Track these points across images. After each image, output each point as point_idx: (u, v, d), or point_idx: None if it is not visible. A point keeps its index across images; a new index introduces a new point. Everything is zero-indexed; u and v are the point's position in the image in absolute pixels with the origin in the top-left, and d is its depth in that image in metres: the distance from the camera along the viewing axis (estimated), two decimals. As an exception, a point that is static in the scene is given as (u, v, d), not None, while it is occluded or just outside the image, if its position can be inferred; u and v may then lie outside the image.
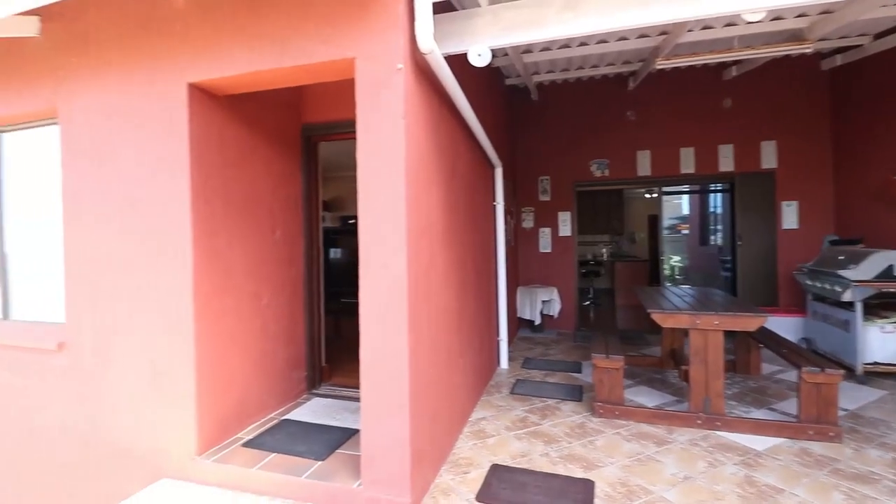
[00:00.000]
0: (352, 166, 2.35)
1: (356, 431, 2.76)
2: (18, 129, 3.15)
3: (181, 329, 2.49)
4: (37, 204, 3.12)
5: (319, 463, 2.41)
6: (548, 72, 5.54)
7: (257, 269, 3.01)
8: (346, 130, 3.40)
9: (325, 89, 3.38)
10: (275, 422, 2.98)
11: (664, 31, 4.16)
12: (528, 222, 6.39)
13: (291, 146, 3.42)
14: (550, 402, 3.62)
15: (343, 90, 3.00)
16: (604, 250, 9.63)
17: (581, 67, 5.42)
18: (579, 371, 4.38)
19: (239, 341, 2.82)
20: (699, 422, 3.10)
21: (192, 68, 2.50)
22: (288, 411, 3.16)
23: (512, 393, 3.82)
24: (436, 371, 2.56)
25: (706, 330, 3.10)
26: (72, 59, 2.80)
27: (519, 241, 6.37)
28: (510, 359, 4.74)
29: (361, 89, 2.20)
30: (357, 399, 3.31)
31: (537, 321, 5.86)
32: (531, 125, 6.35)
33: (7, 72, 2.98)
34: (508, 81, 5.75)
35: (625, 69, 5.32)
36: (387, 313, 2.13)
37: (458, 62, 2.59)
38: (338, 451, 2.54)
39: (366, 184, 2.18)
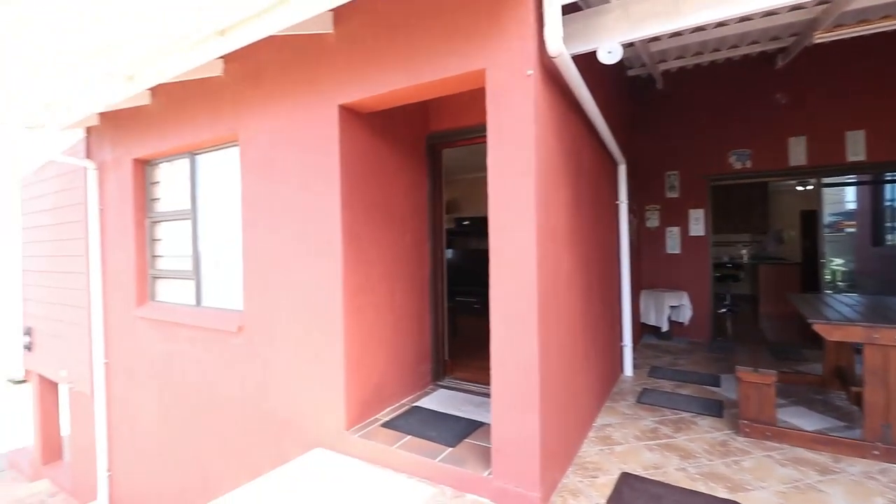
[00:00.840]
0: (466, 170, 2.49)
1: (481, 424, 2.88)
2: (209, 151, 3.88)
3: (332, 319, 2.86)
4: (222, 212, 3.81)
5: (450, 449, 2.57)
6: (677, 58, 5.14)
7: (391, 269, 3.31)
8: (468, 136, 3.56)
9: (448, 99, 3.58)
10: (406, 408, 3.24)
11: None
12: (652, 221, 5.98)
13: (417, 154, 3.68)
14: (684, 415, 3.36)
15: (465, 99, 3.17)
16: (743, 251, 8.57)
17: (717, 49, 4.92)
18: (717, 384, 3.99)
19: (376, 333, 3.13)
20: (876, 452, 2.64)
21: (341, 92, 2.85)
22: (416, 399, 3.41)
23: (639, 402, 3.63)
24: (562, 371, 2.57)
25: (887, 346, 2.63)
26: (247, 92, 3.37)
27: (642, 241, 5.99)
28: (635, 366, 4.49)
29: (492, 97, 2.31)
30: (478, 393, 3.46)
31: (664, 328, 5.46)
32: (656, 117, 5.94)
33: (200, 106, 3.69)
34: (630, 72, 5.46)
35: (771, 46, 4.71)
36: (517, 312, 2.20)
37: (581, 59, 2.56)
38: (466, 440, 2.68)
39: (496, 188, 2.28)
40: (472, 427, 2.85)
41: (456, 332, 5.38)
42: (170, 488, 4.15)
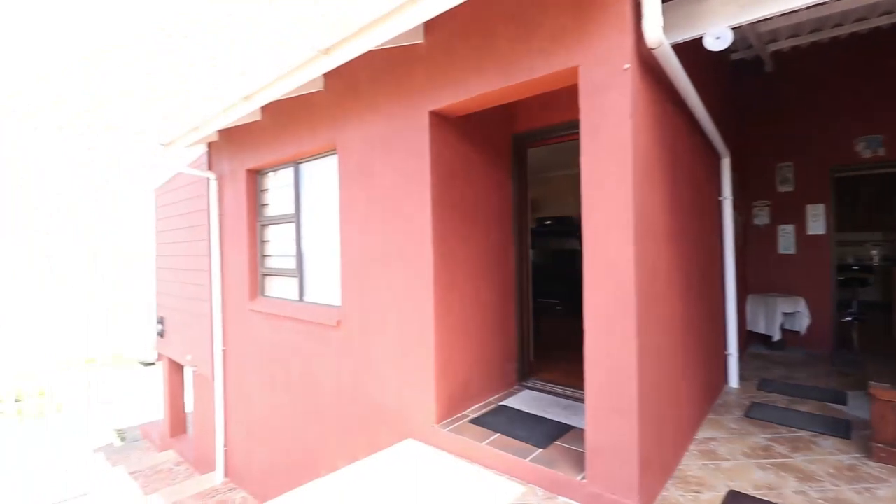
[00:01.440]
0: (547, 168, 2.45)
1: (570, 427, 2.83)
2: (310, 160, 4.22)
3: (423, 316, 2.98)
4: (322, 215, 4.13)
5: (540, 450, 2.56)
6: (790, 37, 4.63)
7: (477, 269, 3.37)
8: (554, 135, 3.52)
9: (534, 98, 3.56)
10: (493, 406, 3.28)
11: None
12: (761, 218, 5.43)
13: (502, 155, 3.69)
14: (802, 433, 3.03)
15: (552, 97, 3.13)
16: (874, 252, 7.45)
17: (839, 24, 4.36)
18: (843, 402, 3.53)
19: (464, 332, 3.21)
20: None
21: (431, 98, 2.96)
22: (503, 399, 3.44)
23: (747, 416, 3.33)
24: (661, 378, 2.45)
25: None
26: (344, 104, 3.62)
27: (749, 241, 5.46)
28: (741, 378, 4.11)
29: (585, 94, 2.27)
30: (566, 396, 3.39)
31: (776, 337, 4.93)
32: (764, 103, 5.38)
33: (303, 120, 4.03)
34: (735, 55, 5.01)
35: (913, 15, 4.06)
36: (613, 315, 2.14)
37: (680, 47, 2.42)
38: (556, 442, 2.65)
39: (590, 188, 2.24)
40: (561, 430, 2.81)
41: (539, 334, 5.31)
42: (277, 464, 4.58)
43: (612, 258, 2.15)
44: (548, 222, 7.43)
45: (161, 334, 7.42)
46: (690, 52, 2.50)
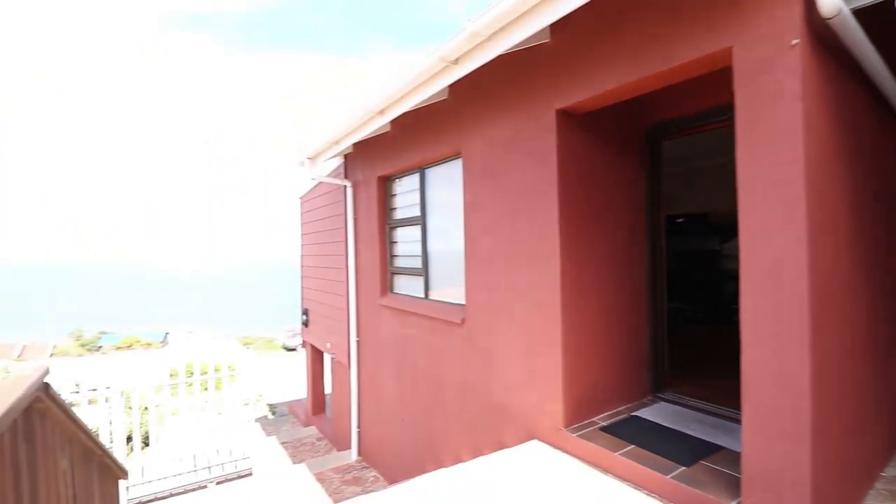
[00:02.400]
0: (678, 161, 2.20)
1: (719, 447, 2.57)
2: (435, 165, 4.45)
3: (550, 318, 2.95)
4: (446, 217, 4.33)
5: (683, 468, 2.37)
6: None
7: (607, 270, 3.23)
8: (696, 124, 3.21)
9: (671, 87, 3.29)
10: (624, 416, 3.11)
11: None
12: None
13: (633, 149, 3.48)
14: None
15: (694, 83, 2.85)
16: None
17: None
18: None
19: (592, 335, 3.10)
20: None
21: (558, 96, 2.92)
22: (634, 409, 3.25)
23: (960, 456, 2.68)
24: (839, 400, 2.10)
25: None
26: (469, 109, 3.74)
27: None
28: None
29: (741, 78, 2.04)
30: (710, 412, 3.08)
31: None
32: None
33: (429, 127, 4.26)
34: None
35: None
36: (779, 326, 1.89)
37: (863, 13, 2.03)
38: (702, 461, 2.43)
39: (749, 180, 2.01)
40: (708, 449, 2.56)
41: (672, 342, 4.89)
42: (404, 449, 4.93)
43: (778, 260, 1.90)
44: (680, 220, 6.79)
45: (305, 324, 8.43)
46: (875, 17, 2.09)
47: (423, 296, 4.63)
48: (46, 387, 1.78)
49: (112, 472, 3.15)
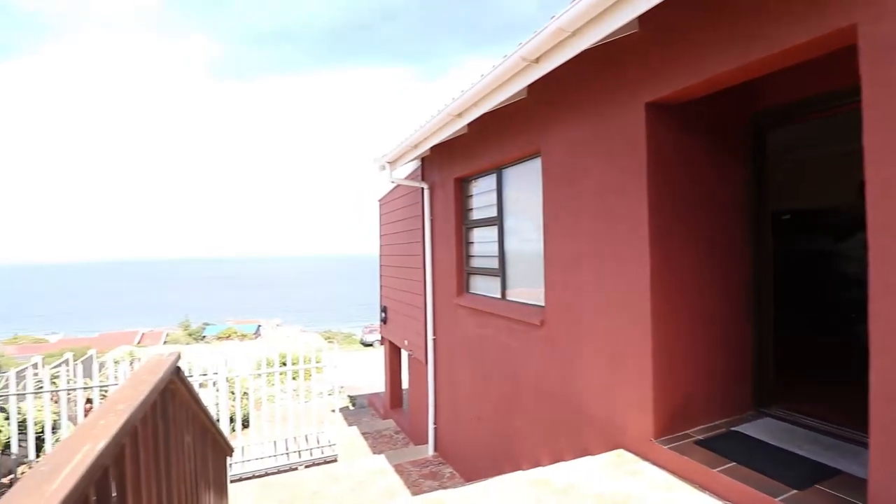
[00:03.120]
0: (785, 152, 1.95)
1: (838, 472, 2.29)
2: (513, 165, 4.42)
3: (639, 322, 2.81)
4: (524, 217, 4.29)
5: (795, 491, 2.14)
6: None
7: (703, 272, 3.01)
8: (813, 109, 2.89)
9: (778, 71, 2.98)
10: (722, 430, 2.88)
11: None
12: None
13: (735, 140, 3.20)
14: None
15: (808, 64, 2.56)
16: None
17: None
18: None
19: (686, 341, 2.91)
20: None
21: (647, 89, 2.77)
22: (734, 423, 2.99)
23: None
24: None
25: None
26: (548, 107, 3.68)
27: None
28: None
29: (869, 57, 1.80)
30: (826, 432, 2.76)
31: None
32: None
33: (506, 127, 4.24)
34: None
35: None
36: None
37: None
38: (818, 485, 2.18)
39: (882, 170, 1.77)
40: (823, 472, 2.29)
41: (780, 353, 4.42)
42: (480, 448, 4.96)
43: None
44: (786, 216, 6.12)
45: (384, 321, 8.79)
46: None
47: (499, 296, 4.62)
48: (178, 370, 2.04)
49: (222, 448, 3.52)
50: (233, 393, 6.66)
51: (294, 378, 7.06)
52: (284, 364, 6.90)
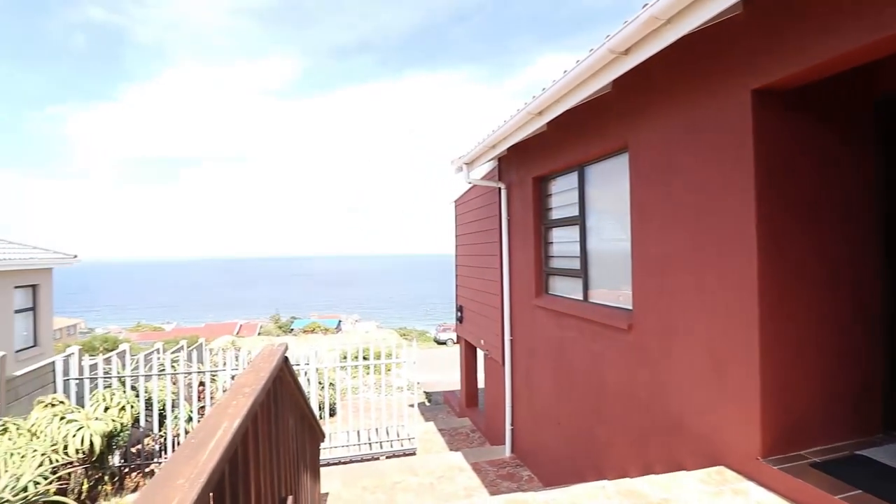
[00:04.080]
0: None
1: None
2: (596, 162, 4.27)
3: (744, 330, 2.59)
4: (608, 216, 4.12)
5: (945, 532, 1.85)
6: None
7: (819, 276, 2.69)
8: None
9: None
10: (844, 453, 2.56)
11: None
12: None
13: (857, 127, 2.82)
14: None
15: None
16: None
17: None
18: None
19: (800, 351, 2.62)
20: None
21: (754, 74, 2.54)
22: (859, 447, 2.64)
23: None
24: None
25: None
26: (636, 100, 3.50)
27: None
28: None
29: None
30: None
31: None
32: None
33: (589, 123, 4.10)
34: None
35: None
36: None
37: None
38: (976, 528, 1.87)
39: None
40: (984, 512, 1.96)
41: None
42: (560, 453, 4.84)
43: None
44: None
45: (460, 320, 8.90)
46: None
47: (581, 298, 4.49)
48: (286, 359, 2.24)
49: (316, 434, 3.80)
50: (320, 383, 7.12)
51: (376, 373, 7.40)
52: (367, 358, 7.25)
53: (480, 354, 8.21)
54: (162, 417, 6.55)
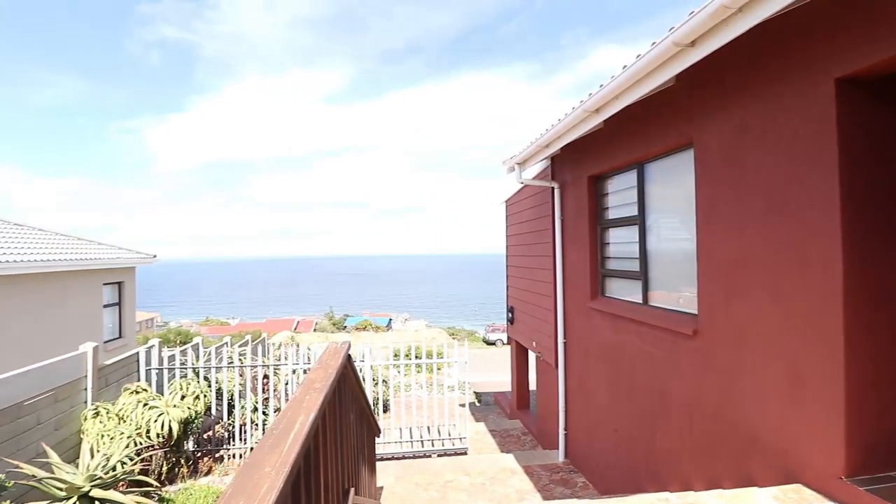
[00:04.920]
0: None
1: None
2: (657, 159, 4.09)
3: (827, 337, 2.39)
4: (670, 216, 3.94)
5: None
6: None
7: (917, 280, 2.43)
8: None
9: None
10: (948, 478, 2.30)
11: None
12: None
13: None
14: None
15: None
16: None
17: None
18: None
19: (890, 367, 2.39)
20: None
21: (838, 62, 2.34)
22: (967, 472, 2.37)
23: None
24: None
25: None
26: (702, 93, 3.32)
27: None
28: None
29: None
30: None
31: None
32: None
33: (650, 119, 3.94)
34: None
35: None
36: None
37: None
38: None
39: None
40: None
41: None
42: (617, 461, 4.69)
43: None
44: None
45: (511, 321, 8.83)
46: None
47: (640, 301, 4.32)
48: (349, 357, 2.34)
49: (373, 429, 3.92)
50: (374, 379, 7.33)
51: (428, 371, 7.51)
52: (419, 357, 7.38)
53: (532, 356, 8.11)
54: (230, 406, 7.01)
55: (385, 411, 8.82)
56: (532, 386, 8.60)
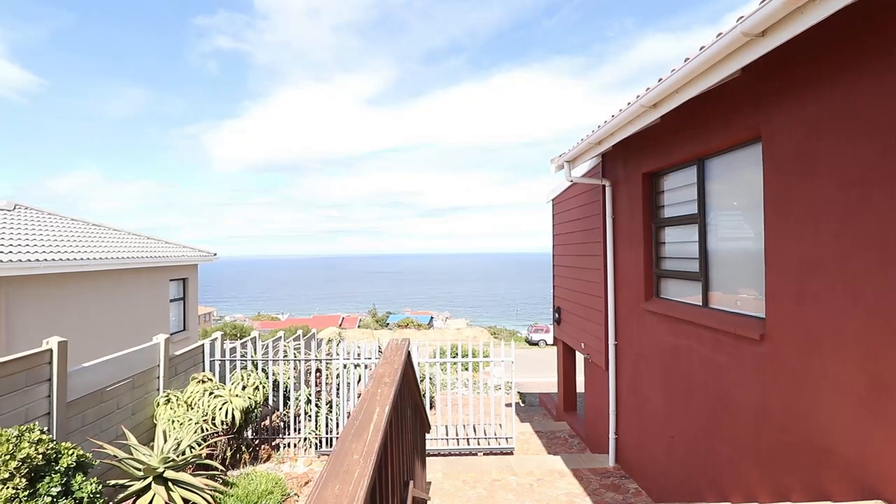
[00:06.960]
0: None
1: None
2: (720, 154, 3.91)
3: (916, 346, 2.22)
4: (733, 214, 3.76)
5: None
6: None
7: None
8: None
9: None
10: None
11: None
12: None
13: None
14: None
15: None
16: None
17: None
18: None
19: None
20: None
21: (933, 46, 2.16)
22: None
23: None
24: None
25: None
26: (772, 83, 3.14)
27: None
28: None
29: None
30: None
31: None
32: None
33: (711, 112, 3.77)
34: None
35: None
36: None
37: None
38: None
39: None
40: None
41: None
42: (672, 469, 4.53)
43: None
44: None
45: (558, 322, 8.71)
46: None
47: (700, 303, 4.15)
48: (409, 353, 2.41)
49: (425, 424, 4.00)
50: (421, 376, 7.44)
51: (474, 370, 7.54)
52: (465, 356, 7.42)
53: (580, 357, 7.96)
54: (285, 398, 7.34)
55: (431, 408, 8.94)
56: (580, 388, 8.44)
